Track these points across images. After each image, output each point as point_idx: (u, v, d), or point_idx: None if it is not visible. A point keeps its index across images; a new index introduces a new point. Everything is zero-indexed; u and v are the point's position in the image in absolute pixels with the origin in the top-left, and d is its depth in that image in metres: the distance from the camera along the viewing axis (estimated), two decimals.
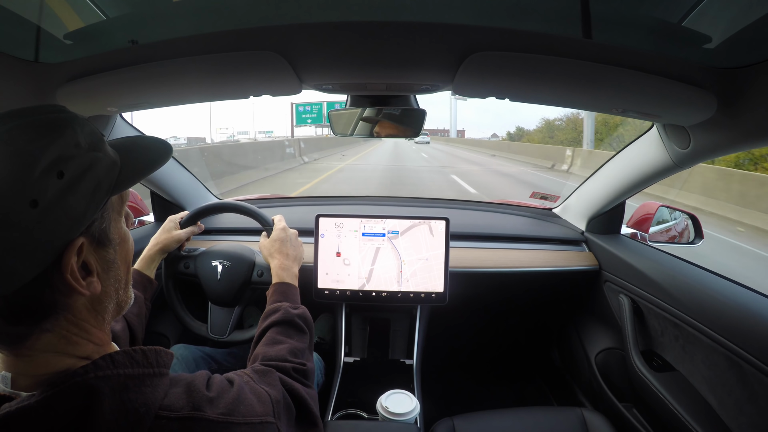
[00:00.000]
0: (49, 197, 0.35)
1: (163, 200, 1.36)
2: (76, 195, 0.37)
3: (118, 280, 0.45)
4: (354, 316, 1.26)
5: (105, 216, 0.42)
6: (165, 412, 0.40)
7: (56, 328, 0.39)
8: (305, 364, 0.66)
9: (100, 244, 0.42)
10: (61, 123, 0.39)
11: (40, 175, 0.35)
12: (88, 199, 0.39)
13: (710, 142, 0.78)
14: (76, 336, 0.41)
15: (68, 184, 0.37)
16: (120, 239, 0.46)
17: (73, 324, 0.41)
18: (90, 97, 0.79)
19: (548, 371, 1.69)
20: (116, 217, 0.45)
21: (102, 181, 0.40)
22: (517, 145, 23.47)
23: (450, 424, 0.94)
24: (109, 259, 0.43)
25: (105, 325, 0.45)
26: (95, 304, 0.43)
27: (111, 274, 0.44)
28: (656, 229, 1.32)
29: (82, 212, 0.38)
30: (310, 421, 0.58)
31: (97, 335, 0.43)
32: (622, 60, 0.64)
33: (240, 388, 0.49)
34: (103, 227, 0.42)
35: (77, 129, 0.39)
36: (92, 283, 0.40)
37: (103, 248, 0.42)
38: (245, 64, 0.69)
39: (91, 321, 0.43)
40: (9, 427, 0.34)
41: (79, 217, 0.38)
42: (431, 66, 0.70)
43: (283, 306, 0.77)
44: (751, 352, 0.77)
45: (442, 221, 1.12)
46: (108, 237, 0.43)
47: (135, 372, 0.41)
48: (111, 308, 0.45)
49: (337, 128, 0.97)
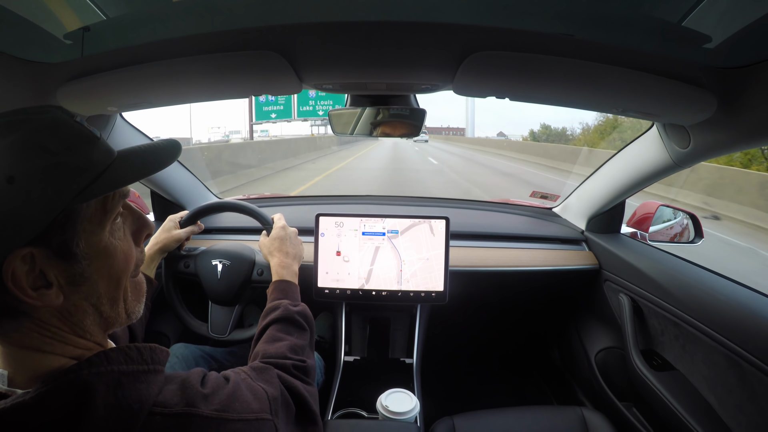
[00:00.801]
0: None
1: (163, 200, 1.36)
2: (27, 202, 0.35)
3: (93, 295, 0.42)
4: (354, 315, 1.26)
5: (68, 227, 0.39)
6: (159, 408, 0.41)
7: (22, 329, 0.39)
8: (305, 361, 0.66)
9: (61, 256, 0.39)
10: (21, 125, 0.37)
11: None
12: (40, 206, 0.36)
13: (710, 142, 0.78)
14: (50, 339, 0.40)
15: (18, 189, 0.35)
16: (97, 252, 0.42)
17: (42, 328, 0.40)
18: (90, 97, 0.79)
19: (548, 370, 1.69)
20: (92, 229, 0.41)
21: (65, 189, 0.37)
22: (562, 148, 16.46)
23: (450, 423, 0.94)
24: (76, 273, 0.40)
25: (89, 335, 0.43)
26: (66, 315, 0.41)
27: (82, 289, 0.41)
28: (656, 229, 1.31)
29: (31, 221, 0.36)
30: (309, 419, 0.58)
31: (80, 342, 0.42)
32: (622, 60, 0.64)
33: (236, 384, 0.49)
34: (65, 239, 0.39)
35: (44, 132, 0.38)
36: (46, 295, 0.38)
37: (66, 261, 0.39)
38: (245, 64, 0.69)
39: (65, 329, 0.41)
40: (4, 422, 0.35)
41: (27, 226, 0.36)
42: (431, 66, 0.70)
43: (283, 303, 0.78)
44: (751, 351, 0.77)
45: (442, 220, 1.12)
46: (71, 250, 0.39)
47: (129, 369, 0.41)
48: (90, 322, 0.43)
49: (337, 128, 0.97)
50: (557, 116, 57.85)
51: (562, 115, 27.25)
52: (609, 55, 0.63)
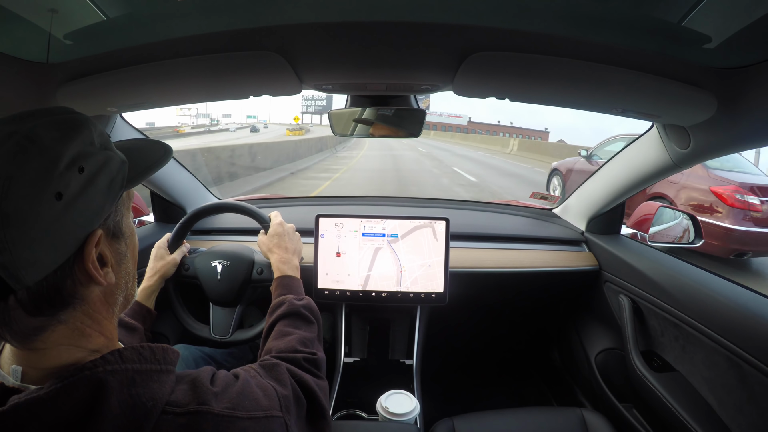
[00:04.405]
0: (72, 191, 0.37)
1: (163, 200, 1.36)
2: (95, 189, 0.40)
3: (128, 272, 0.48)
4: (354, 317, 1.26)
5: (118, 210, 0.45)
6: (171, 408, 0.41)
7: (72, 319, 0.41)
8: (315, 353, 0.66)
9: (114, 236, 0.44)
10: (78, 122, 0.41)
11: (63, 170, 0.37)
12: (105, 192, 0.41)
13: (710, 142, 0.78)
14: (89, 328, 0.42)
15: (88, 178, 0.39)
16: (130, 233, 0.48)
17: (87, 315, 0.42)
18: (90, 97, 0.79)
19: (548, 371, 1.69)
20: (126, 213, 0.48)
21: (115, 177, 0.43)
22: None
23: (450, 425, 0.94)
24: (121, 252, 0.46)
25: (114, 318, 0.47)
26: (107, 296, 0.45)
27: (122, 267, 0.46)
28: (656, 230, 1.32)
29: (100, 205, 0.41)
30: (319, 414, 0.58)
31: (108, 328, 0.45)
32: (622, 60, 0.64)
33: (245, 382, 0.49)
34: (117, 220, 0.45)
35: (92, 128, 0.42)
36: (108, 274, 0.42)
37: (117, 241, 0.45)
38: (245, 64, 0.69)
39: (103, 312, 0.44)
40: (17, 417, 0.35)
41: (98, 210, 0.41)
42: (431, 66, 0.70)
43: (287, 299, 0.78)
44: (751, 352, 0.77)
45: (442, 221, 1.12)
46: (121, 230, 0.45)
47: (143, 367, 0.42)
48: (120, 301, 0.47)
49: (337, 128, 0.97)
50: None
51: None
52: (609, 56, 0.63)
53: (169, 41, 0.67)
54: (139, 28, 0.66)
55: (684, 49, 0.63)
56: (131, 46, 0.69)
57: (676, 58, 0.64)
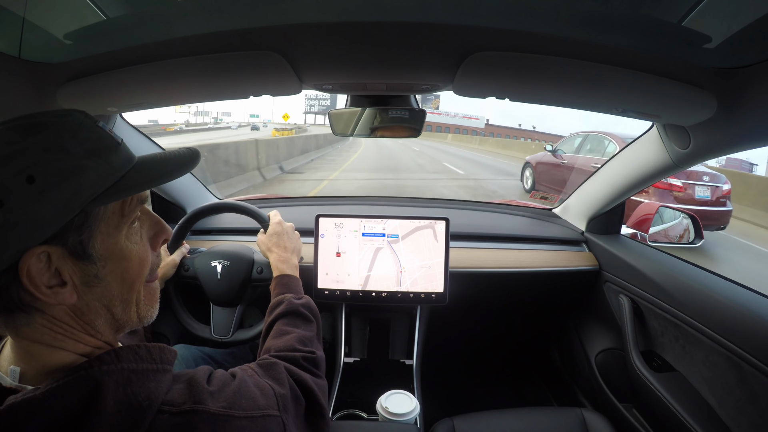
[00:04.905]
0: (14, 200, 0.35)
1: (163, 200, 1.36)
2: (45, 202, 0.36)
3: (106, 296, 0.43)
4: (354, 317, 1.26)
5: (85, 228, 0.40)
6: (167, 407, 0.41)
7: (33, 324, 0.40)
8: (314, 352, 0.66)
9: (77, 256, 0.40)
10: (44, 127, 0.38)
11: (10, 177, 0.35)
12: (59, 207, 0.37)
13: (710, 142, 0.78)
14: (62, 335, 0.41)
15: (39, 189, 0.36)
16: (112, 255, 0.42)
17: (53, 324, 0.40)
18: (90, 97, 0.79)
19: (548, 371, 1.68)
20: (109, 232, 0.42)
21: (83, 191, 0.38)
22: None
23: (450, 425, 0.94)
24: (90, 274, 0.41)
25: (99, 334, 0.44)
26: (78, 314, 0.42)
27: (96, 290, 0.42)
28: (656, 230, 1.32)
29: (48, 220, 0.37)
30: (318, 413, 0.58)
31: (90, 340, 0.43)
32: (622, 60, 0.64)
33: (242, 381, 0.49)
34: (81, 239, 0.40)
35: (66, 135, 0.38)
36: (60, 294, 0.39)
37: (81, 261, 0.40)
38: (245, 64, 0.69)
39: (76, 327, 0.42)
40: (14, 417, 0.35)
41: (44, 225, 0.37)
42: (431, 66, 0.70)
43: (286, 297, 0.78)
44: (751, 352, 0.77)
45: (443, 222, 1.12)
46: (86, 251, 0.40)
47: (139, 367, 0.41)
48: (102, 322, 0.44)
49: (337, 128, 0.97)
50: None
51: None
52: (609, 56, 0.63)
53: (169, 41, 0.67)
54: (139, 28, 0.66)
55: (684, 50, 0.63)
56: (131, 46, 0.69)
57: (676, 58, 0.64)
